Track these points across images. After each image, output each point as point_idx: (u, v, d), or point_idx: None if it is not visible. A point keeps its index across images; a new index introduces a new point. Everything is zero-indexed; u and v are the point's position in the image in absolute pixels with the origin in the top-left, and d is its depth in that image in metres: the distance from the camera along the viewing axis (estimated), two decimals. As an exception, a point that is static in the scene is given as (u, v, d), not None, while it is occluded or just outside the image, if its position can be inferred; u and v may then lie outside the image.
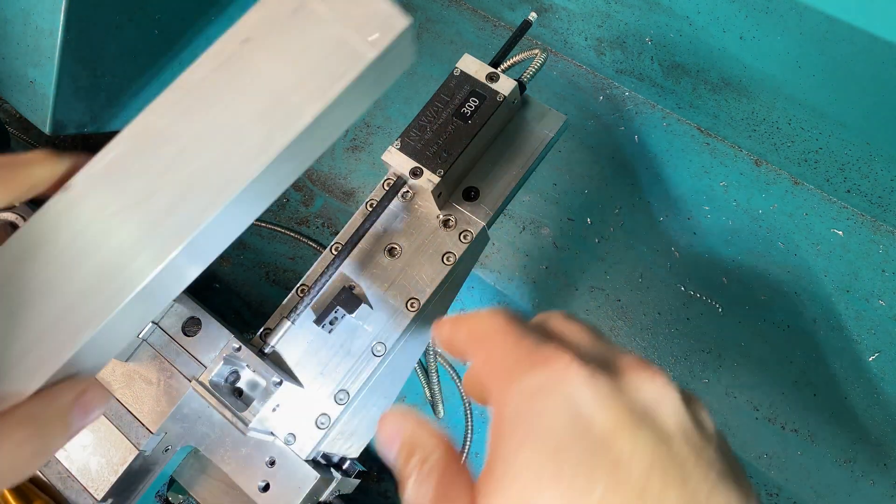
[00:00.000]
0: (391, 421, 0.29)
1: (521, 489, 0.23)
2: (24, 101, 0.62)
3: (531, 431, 0.24)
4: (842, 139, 0.63)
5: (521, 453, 0.24)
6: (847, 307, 0.67)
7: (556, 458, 0.23)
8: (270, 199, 0.31)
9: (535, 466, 0.23)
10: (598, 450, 0.23)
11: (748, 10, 0.56)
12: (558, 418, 0.24)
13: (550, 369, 0.24)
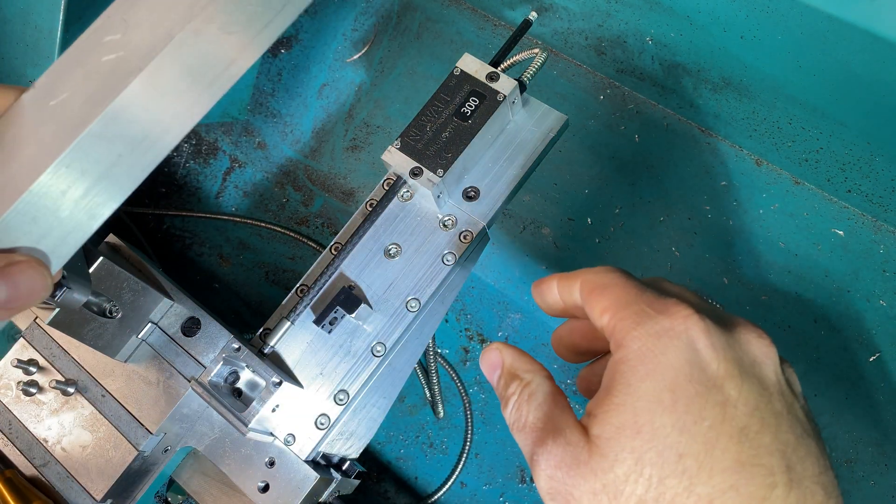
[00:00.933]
0: (492, 351, 0.35)
1: (639, 413, 0.27)
2: (24, 101, 0.61)
3: (655, 366, 0.27)
4: (843, 139, 0.62)
5: (643, 383, 0.28)
6: (848, 307, 0.67)
7: (674, 391, 0.27)
8: None
9: (654, 395, 0.27)
10: (710, 390, 0.27)
11: (749, 10, 0.56)
12: (679, 358, 0.27)
13: (675, 317, 0.28)
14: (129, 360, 0.53)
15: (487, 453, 0.73)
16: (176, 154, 0.89)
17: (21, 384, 0.52)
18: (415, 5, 0.86)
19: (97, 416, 0.51)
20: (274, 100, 0.88)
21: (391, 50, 0.86)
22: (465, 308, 0.77)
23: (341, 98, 0.87)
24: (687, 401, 0.27)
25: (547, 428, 0.30)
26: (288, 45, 0.89)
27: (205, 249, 0.85)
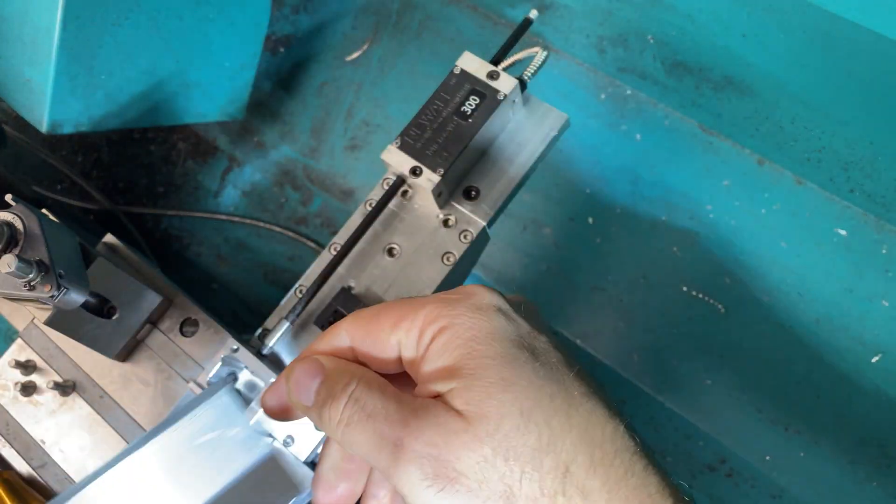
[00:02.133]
0: (304, 363, 0.31)
1: (500, 369, 0.28)
2: (21, 100, 0.61)
3: (489, 332, 0.29)
4: (845, 138, 0.62)
5: (488, 347, 0.29)
6: (850, 307, 0.67)
7: (511, 350, 0.29)
8: None
9: (502, 353, 0.29)
10: (525, 339, 0.30)
11: (751, 8, 0.55)
12: (498, 321, 0.30)
13: (475, 295, 0.31)
14: (127, 361, 0.52)
15: (488, 454, 0.73)
16: (174, 153, 0.89)
17: (19, 385, 0.52)
18: (415, 3, 0.85)
19: (95, 417, 0.51)
20: (273, 99, 0.88)
21: (391, 48, 0.85)
22: (466, 308, 0.77)
23: (340, 97, 0.86)
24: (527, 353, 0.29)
25: (403, 411, 0.28)
26: (287, 44, 0.88)
27: (203, 249, 0.85)
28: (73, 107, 0.61)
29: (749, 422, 0.66)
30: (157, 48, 0.65)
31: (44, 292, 0.41)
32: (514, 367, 0.28)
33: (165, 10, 0.63)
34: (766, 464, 0.65)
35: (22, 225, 0.44)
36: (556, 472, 0.26)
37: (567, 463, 0.27)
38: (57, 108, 0.60)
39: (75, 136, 0.90)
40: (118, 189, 0.88)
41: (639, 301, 0.72)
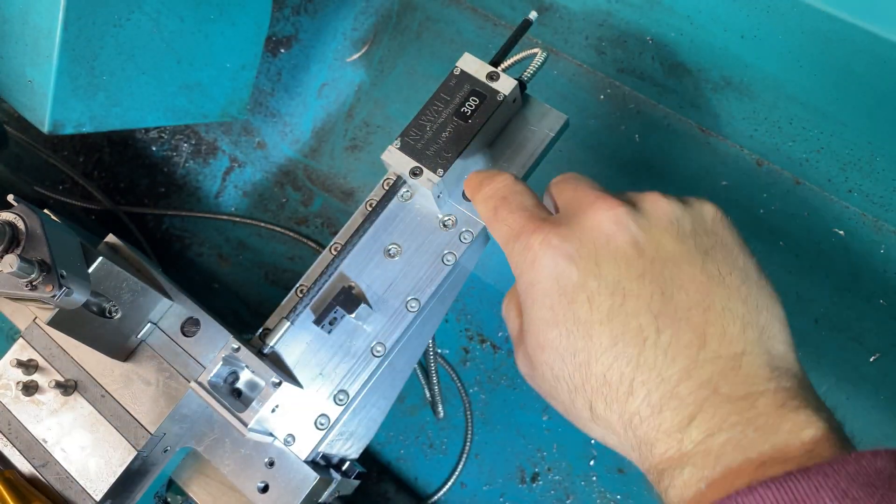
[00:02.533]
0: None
1: (540, 334, 0.33)
2: (23, 101, 0.61)
3: (534, 295, 0.33)
4: (843, 139, 0.62)
5: (532, 312, 0.34)
6: (849, 307, 0.67)
7: (553, 306, 0.32)
8: None
9: (542, 316, 0.33)
10: (576, 293, 0.32)
11: (749, 9, 0.56)
12: (545, 282, 0.33)
13: (533, 242, 0.34)
14: (129, 361, 0.52)
15: (487, 454, 0.73)
16: (175, 154, 0.89)
17: (20, 384, 0.52)
18: (415, 5, 0.85)
19: (96, 417, 0.51)
20: (273, 99, 0.88)
21: (391, 49, 0.86)
22: (465, 308, 0.77)
23: (341, 98, 0.86)
24: (563, 310, 0.32)
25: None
26: (288, 45, 0.89)
27: (204, 249, 0.85)
28: (74, 107, 0.61)
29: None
30: (159, 49, 0.65)
31: (45, 292, 0.42)
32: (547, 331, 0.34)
33: (166, 10, 0.64)
34: (764, 463, 0.65)
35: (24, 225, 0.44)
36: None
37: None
38: (58, 109, 0.60)
39: (77, 136, 0.90)
40: (120, 189, 0.89)
41: (638, 301, 0.72)
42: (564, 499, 0.71)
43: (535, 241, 0.33)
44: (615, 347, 0.30)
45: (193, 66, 0.70)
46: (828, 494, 0.24)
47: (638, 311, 0.30)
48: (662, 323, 0.30)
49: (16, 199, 0.45)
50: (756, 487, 0.24)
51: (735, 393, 0.28)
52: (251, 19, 0.72)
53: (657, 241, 0.32)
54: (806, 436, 0.27)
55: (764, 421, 0.27)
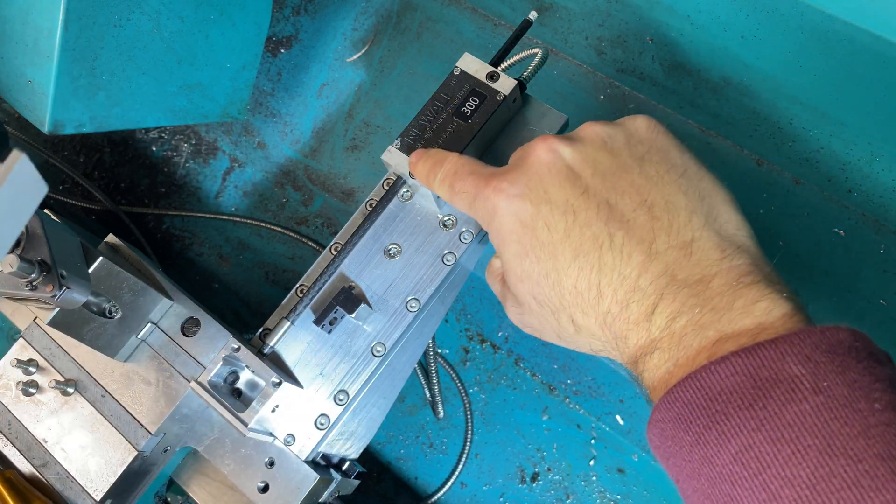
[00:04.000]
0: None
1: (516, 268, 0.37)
2: (23, 101, 0.61)
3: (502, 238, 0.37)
4: (843, 139, 0.62)
5: (505, 253, 0.37)
6: (849, 307, 0.67)
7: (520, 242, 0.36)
8: None
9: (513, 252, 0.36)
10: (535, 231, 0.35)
11: (749, 10, 0.56)
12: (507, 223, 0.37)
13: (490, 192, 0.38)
14: (129, 360, 0.52)
15: (487, 454, 0.73)
16: (175, 154, 0.89)
17: (20, 384, 0.52)
18: (415, 5, 0.86)
19: (97, 417, 0.51)
20: (274, 100, 0.88)
21: (391, 50, 0.86)
22: (465, 308, 0.77)
23: (341, 98, 0.86)
24: (528, 239, 0.35)
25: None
26: (288, 45, 0.89)
27: (204, 249, 0.85)
28: (74, 107, 0.61)
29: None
30: (159, 49, 0.65)
31: (46, 292, 0.42)
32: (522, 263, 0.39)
33: (166, 10, 0.64)
34: (764, 463, 0.65)
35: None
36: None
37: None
38: (59, 109, 0.60)
39: (77, 136, 0.90)
40: (120, 189, 0.89)
41: (638, 301, 0.72)
42: (564, 499, 0.71)
43: (490, 193, 0.37)
44: (578, 259, 0.33)
45: (193, 67, 0.70)
46: (792, 360, 0.26)
47: (589, 222, 0.33)
48: (613, 227, 0.33)
49: (16, 199, 0.45)
50: (728, 357, 0.27)
51: (691, 277, 0.31)
52: (251, 19, 0.72)
53: (593, 159, 0.35)
54: (759, 309, 0.29)
55: (719, 300, 0.30)
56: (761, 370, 0.26)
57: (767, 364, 0.26)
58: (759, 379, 0.26)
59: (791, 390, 0.25)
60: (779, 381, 0.26)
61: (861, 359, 0.26)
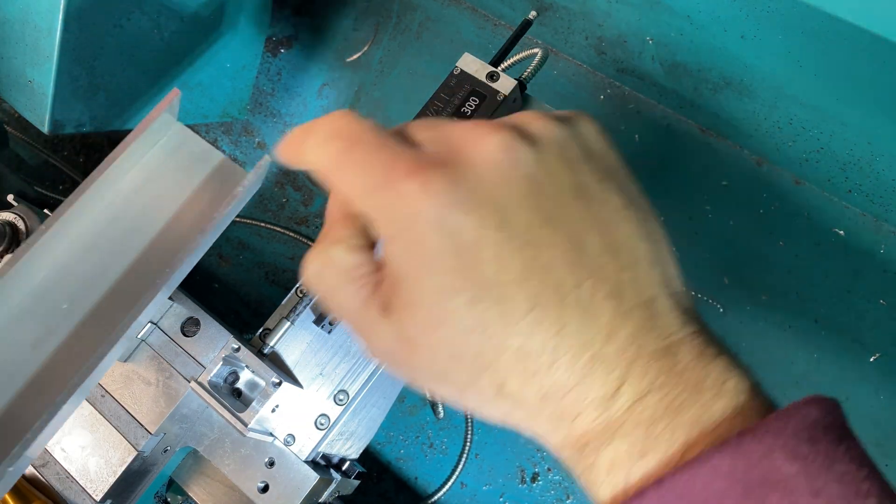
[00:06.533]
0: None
1: (434, 307, 0.25)
2: (23, 101, 0.61)
3: (420, 259, 0.25)
4: (843, 139, 0.62)
5: (420, 281, 0.25)
6: (849, 307, 0.67)
7: (453, 273, 0.25)
8: None
9: (437, 284, 0.25)
10: (468, 256, 0.25)
11: (749, 10, 0.55)
12: (435, 241, 0.25)
13: (408, 200, 0.25)
14: (129, 360, 0.52)
15: (487, 453, 0.73)
16: (176, 154, 0.89)
17: (20, 384, 0.52)
18: (415, 5, 0.85)
19: (96, 416, 0.51)
20: (273, 99, 0.88)
21: (391, 50, 0.86)
22: (466, 308, 0.77)
23: (341, 98, 0.86)
24: (466, 272, 0.25)
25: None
26: (288, 45, 0.89)
27: (204, 249, 0.85)
28: (74, 107, 0.61)
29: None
30: (159, 49, 0.65)
31: (46, 292, 0.42)
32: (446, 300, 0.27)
33: (166, 11, 0.64)
34: (764, 463, 0.65)
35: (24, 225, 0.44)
36: None
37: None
38: (58, 109, 0.60)
39: (77, 136, 0.90)
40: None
41: (638, 301, 0.72)
42: (564, 499, 0.71)
43: (412, 188, 0.25)
44: (534, 311, 0.25)
45: (193, 67, 0.70)
46: (780, 455, 0.22)
47: (553, 263, 0.25)
48: (580, 274, 0.25)
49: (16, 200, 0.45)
50: (710, 455, 0.23)
51: (658, 346, 0.25)
52: (251, 20, 0.72)
53: (553, 173, 0.26)
54: (729, 388, 0.25)
55: (690, 376, 0.25)
56: (750, 471, 0.22)
57: (756, 463, 0.22)
58: (749, 483, 0.22)
59: (788, 494, 0.22)
60: (772, 484, 0.22)
61: (839, 439, 0.23)
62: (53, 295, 0.39)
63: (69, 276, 0.39)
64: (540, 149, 0.26)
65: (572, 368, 0.25)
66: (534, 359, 0.25)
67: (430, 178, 0.25)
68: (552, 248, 0.25)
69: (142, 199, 0.43)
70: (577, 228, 0.26)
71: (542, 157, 0.26)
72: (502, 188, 0.25)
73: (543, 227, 0.25)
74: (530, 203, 0.25)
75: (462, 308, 0.25)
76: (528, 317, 0.25)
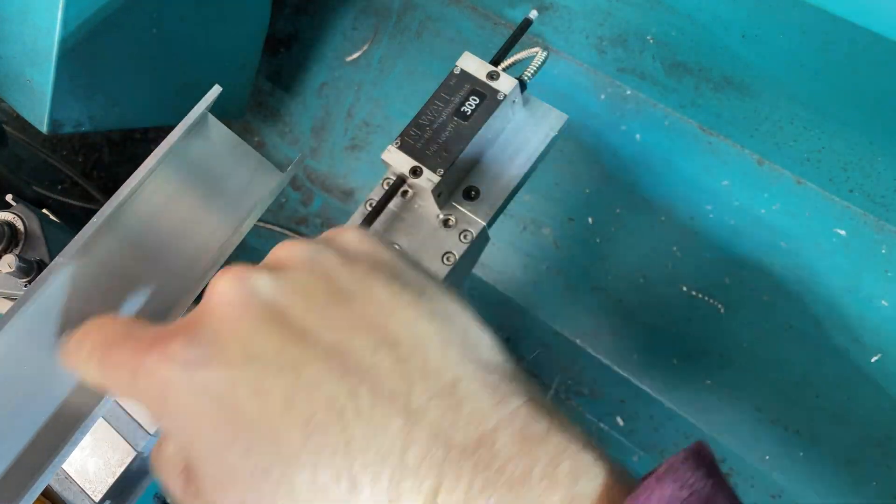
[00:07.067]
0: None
1: (216, 471, 0.24)
2: (22, 100, 0.61)
3: (188, 427, 0.24)
4: (844, 138, 0.62)
5: (196, 449, 0.24)
6: (849, 308, 0.67)
7: (219, 429, 0.23)
8: None
9: (209, 447, 0.24)
10: (226, 404, 0.23)
11: (750, 9, 0.55)
12: (190, 403, 0.24)
13: (154, 373, 0.24)
14: (128, 361, 0.52)
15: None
16: (175, 153, 0.89)
17: (19, 385, 0.52)
18: (415, 4, 0.85)
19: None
20: (273, 99, 0.88)
21: (391, 49, 0.85)
22: (466, 308, 0.77)
23: (341, 97, 0.86)
24: (231, 422, 0.24)
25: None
26: (287, 45, 0.88)
27: (204, 249, 0.85)
28: (73, 107, 0.61)
29: (749, 421, 0.66)
30: (159, 49, 0.65)
31: (45, 292, 0.41)
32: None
33: (167, 11, 0.63)
34: (765, 463, 0.65)
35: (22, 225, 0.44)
36: None
37: None
38: (57, 109, 0.60)
39: (76, 136, 0.90)
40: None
41: (639, 301, 0.72)
42: None
43: (153, 360, 0.24)
44: (311, 438, 0.23)
45: (193, 66, 0.69)
46: None
47: (319, 379, 0.23)
48: (353, 383, 0.23)
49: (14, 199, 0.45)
50: None
51: (468, 440, 0.23)
52: (251, 19, 0.72)
53: (302, 289, 0.25)
54: (563, 475, 0.22)
55: (513, 469, 0.22)
56: None
57: None
58: None
59: None
60: None
61: None
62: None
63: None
64: (280, 273, 0.25)
65: (376, 489, 0.22)
66: (332, 490, 0.22)
67: (166, 344, 0.24)
68: (313, 363, 0.23)
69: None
70: (338, 336, 0.24)
71: (283, 278, 0.25)
72: (240, 323, 0.24)
73: (297, 346, 0.24)
74: (275, 327, 0.24)
75: (239, 462, 0.23)
76: (307, 444, 0.23)
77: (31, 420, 0.32)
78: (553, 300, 0.75)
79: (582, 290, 0.73)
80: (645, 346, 0.71)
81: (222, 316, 0.24)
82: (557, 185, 0.76)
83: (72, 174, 0.83)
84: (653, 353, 0.70)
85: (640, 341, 0.71)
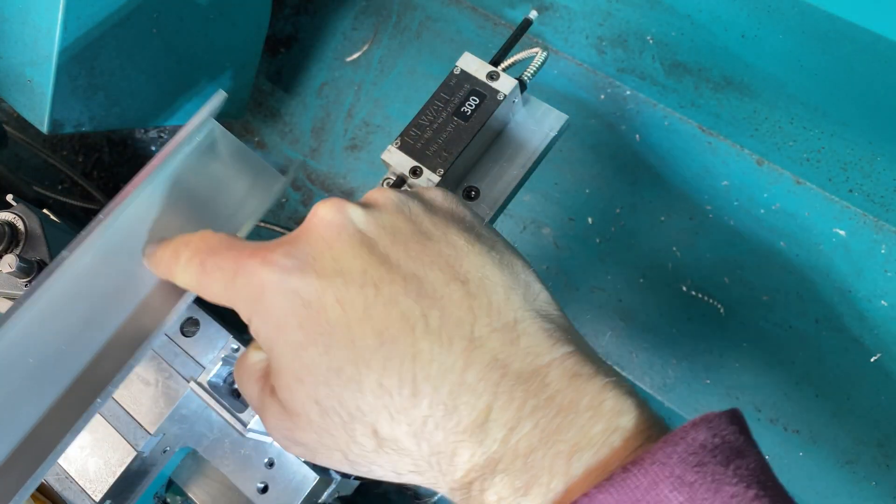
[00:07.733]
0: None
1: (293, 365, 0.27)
2: (22, 100, 0.61)
3: (274, 325, 0.28)
4: (844, 139, 0.62)
5: (278, 345, 0.27)
6: (849, 308, 0.67)
7: (303, 327, 0.26)
8: None
9: (292, 342, 0.27)
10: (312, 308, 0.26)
11: (750, 9, 0.55)
12: (281, 304, 0.27)
13: (252, 276, 0.28)
14: (128, 361, 0.52)
15: (487, 454, 0.73)
16: (175, 153, 0.89)
17: (19, 384, 0.52)
18: (415, 4, 0.85)
19: (96, 417, 0.51)
20: (273, 99, 0.88)
21: (391, 49, 0.85)
22: (466, 308, 0.77)
23: (341, 97, 0.86)
24: (314, 322, 0.27)
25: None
26: (287, 45, 0.88)
27: (204, 249, 0.85)
28: (73, 107, 0.61)
29: (748, 421, 0.66)
30: (158, 48, 0.65)
31: (45, 292, 0.41)
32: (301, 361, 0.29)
33: (166, 10, 0.63)
34: (765, 463, 0.65)
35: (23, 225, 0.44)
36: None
37: None
38: (58, 109, 0.60)
39: (76, 136, 0.90)
40: (119, 189, 0.89)
41: (639, 301, 0.72)
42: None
43: (254, 265, 0.28)
44: (383, 346, 0.25)
45: (193, 67, 0.70)
46: (666, 486, 0.22)
47: (395, 297, 0.26)
48: (425, 305, 0.26)
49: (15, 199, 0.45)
50: (594, 495, 0.22)
51: (524, 370, 0.25)
52: (251, 19, 0.72)
53: (391, 225, 0.28)
54: (607, 409, 0.24)
55: (562, 399, 0.24)
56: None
57: (641, 497, 0.22)
58: None
59: None
60: None
61: (727, 460, 0.23)
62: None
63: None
64: (372, 209, 0.29)
65: (435, 399, 0.25)
66: (395, 394, 0.25)
67: (268, 253, 0.28)
68: (392, 285, 0.26)
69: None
70: (416, 266, 0.27)
71: (374, 214, 0.29)
72: (335, 242, 0.27)
73: (380, 268, 0.27)
74: (364, 251, 0.27)
75: (317, 358, 0.26)
76: (379, 351, 0.25)
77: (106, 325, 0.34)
78: (553, 300, 0.75)
79: (582, 290, 0.73)
80: (645, 346, 0.71)
81: (320, 235, 0.28)
82: (557, 185, 0.76)
83: (72, 174, 0.83)
84: (653, 353, 0.70)
85: (640, 341, 0.71)
